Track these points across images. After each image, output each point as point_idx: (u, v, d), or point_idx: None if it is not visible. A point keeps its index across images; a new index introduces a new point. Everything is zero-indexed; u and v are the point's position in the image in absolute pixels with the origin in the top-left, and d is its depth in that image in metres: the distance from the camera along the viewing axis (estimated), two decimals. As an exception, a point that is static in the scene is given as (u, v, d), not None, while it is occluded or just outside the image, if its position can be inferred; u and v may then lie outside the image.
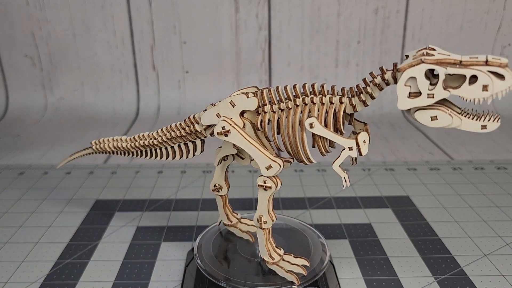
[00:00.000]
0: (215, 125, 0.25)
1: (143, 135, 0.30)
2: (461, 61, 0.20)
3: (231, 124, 0.24)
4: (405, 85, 0.21)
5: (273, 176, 0.25)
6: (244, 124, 0.25)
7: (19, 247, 0.33)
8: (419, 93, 0.21)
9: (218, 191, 0.30)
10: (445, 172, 0.46)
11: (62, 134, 0.62)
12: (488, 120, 0.21)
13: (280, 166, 0.24)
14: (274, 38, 0.69)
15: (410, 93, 0.21)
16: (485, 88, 0.19)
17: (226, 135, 0.25)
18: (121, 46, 0.69)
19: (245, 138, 0.24)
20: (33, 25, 0.68)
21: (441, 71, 0.20)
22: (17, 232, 0.35)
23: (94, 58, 0.70)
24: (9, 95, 0.71)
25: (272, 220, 0.26)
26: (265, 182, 0.25)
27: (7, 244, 0.34)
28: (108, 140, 0.32)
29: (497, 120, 0.21)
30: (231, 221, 0.31)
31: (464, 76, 0.20)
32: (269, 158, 0.24)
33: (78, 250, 0.33)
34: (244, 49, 0.70)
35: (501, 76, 0.19)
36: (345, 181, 0.25)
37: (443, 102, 0.21)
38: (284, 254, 0.27)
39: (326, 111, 0.23)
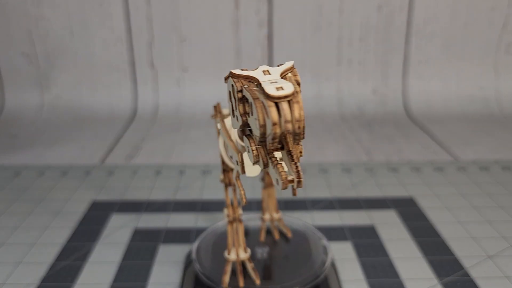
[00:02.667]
0: None
1: None
2: (259, 82, 0.15)
3: (216, 111, 0.26)
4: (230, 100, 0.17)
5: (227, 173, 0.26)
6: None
7: (15, 248, 0.33)
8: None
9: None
10: (449, 172, 0.46)
11: (59, 133, 0.61)
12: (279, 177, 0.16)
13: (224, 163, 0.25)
14: (275, 35, 0.69)
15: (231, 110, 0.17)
16: (261, 125, 0.15)
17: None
18: (119, 43, 0.69)
19: (222, 126, 0.25)
20: (30, 22, 0.67)
21: (232, 89, 0.16)
22: (13, 234, 0.35)
23: (92, 56, 0.69)
24: (5, 94, 0.70)
25: (228, 216, 0.27)
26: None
27: (3, 246, 0.33)
28: None
29: (280, 183, 0.16)
30: (264, 217, 0.31)
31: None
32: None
33: (75, 252, 0.32)
34: (244, 46, 0.69)
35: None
36: (242, 197, 0.22)
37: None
38: (247, 259, 0.27)
39: None
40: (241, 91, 0.16)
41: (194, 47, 0.69)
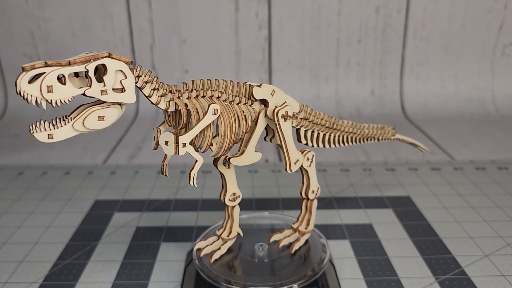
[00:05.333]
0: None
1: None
2: (70, 62, 0.20)
3: None
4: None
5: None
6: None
7: (18, 247, 0.33)
8: None
9: None
10: (446, 172, 0.46)
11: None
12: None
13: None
14: (274, 36, 0.69)
15: None
16: None
17: None
18: (121, 45, 0.69)
19: None
20: (32, 24, 0.68)
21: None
22: (16, 233, 0.35)
23: (94, 57, 0.70)
24: (8, 95, 0.71)
25: (219, 196, 0.28)
26: None
27: (6, 245, 0.34)
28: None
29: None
30: (293, 226, 0.31)
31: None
32: None
33: (77, 251, 0.33)
34: (244, 48, 0.69)
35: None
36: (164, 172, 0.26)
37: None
38: (226, 241, 0.29)
39: None
40: None
41: (195, 49, 0.70)
